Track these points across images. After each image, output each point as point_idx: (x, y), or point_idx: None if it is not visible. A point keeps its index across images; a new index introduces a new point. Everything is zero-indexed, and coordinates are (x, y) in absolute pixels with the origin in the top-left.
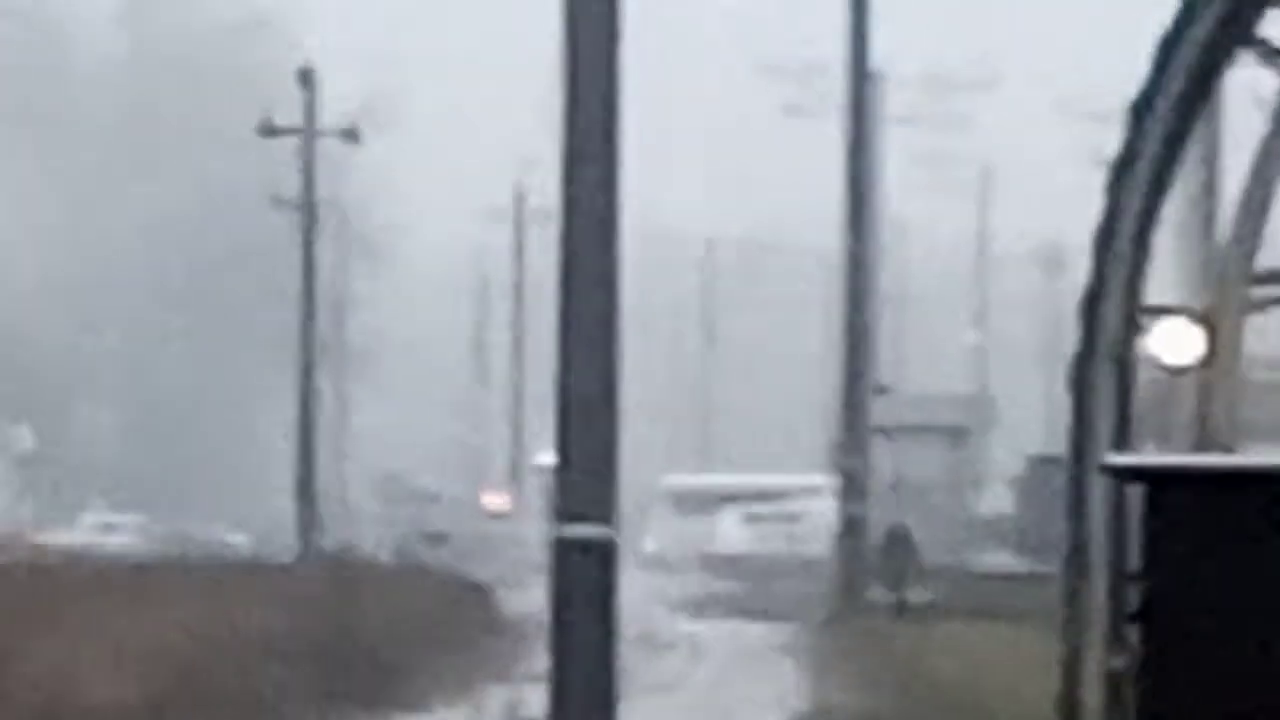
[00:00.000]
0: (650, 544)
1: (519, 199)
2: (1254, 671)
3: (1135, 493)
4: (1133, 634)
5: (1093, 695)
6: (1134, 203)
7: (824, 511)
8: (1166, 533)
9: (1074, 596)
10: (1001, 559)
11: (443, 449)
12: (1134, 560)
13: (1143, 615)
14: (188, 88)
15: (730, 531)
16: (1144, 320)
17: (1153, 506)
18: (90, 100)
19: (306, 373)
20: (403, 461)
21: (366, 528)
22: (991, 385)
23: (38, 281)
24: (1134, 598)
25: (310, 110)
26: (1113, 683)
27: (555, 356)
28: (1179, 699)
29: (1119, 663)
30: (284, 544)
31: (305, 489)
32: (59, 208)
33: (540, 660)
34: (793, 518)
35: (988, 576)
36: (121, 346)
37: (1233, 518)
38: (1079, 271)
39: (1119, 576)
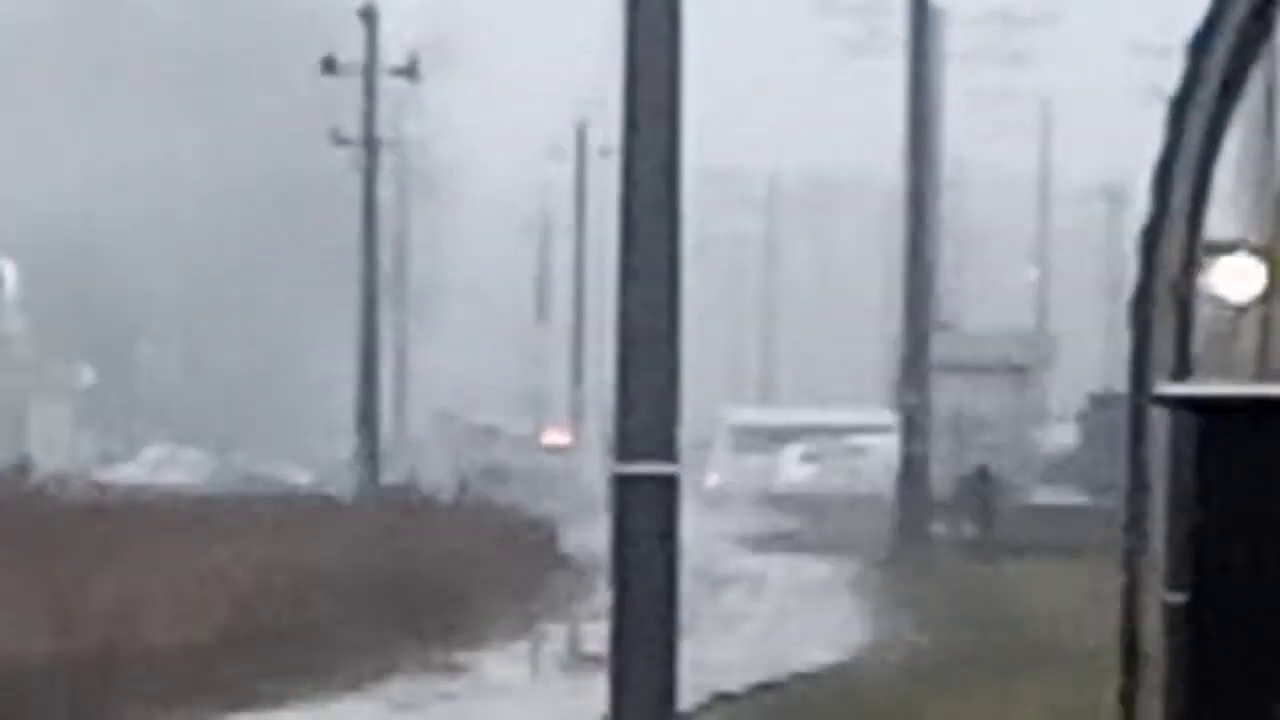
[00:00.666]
0: (712, 480)
1: (581, 136)
2: None
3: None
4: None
5: (1153, 628)
6: (1194, 138)
7: (885, 448)
8: (1219, 464)
9: (1135, 531)
10: (1064, 495)
11: (504, 386)
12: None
13: (1194, 548)
14: (249, 25)
15: (792, 468)
16: (1204, 256)
17: (1205, 437)
18: (151, 37)
19: (368, 311)
20: (464, 399)
21: (428, 464)
22: (1053, 322)
23: (98, 221)
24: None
25: (371, 47)
26: (1172, 616)
27: (617, 294)
28: (1227, 633)
29: (1178, 597)
30: (346, 481)
31: (367, 426)
32: (119, 146)
33: (601, 597)
34: (854, 454)
35: (1050, 512)
36: (183, 284)
37: None
38: (1140, 208)
39: (1179, 511)
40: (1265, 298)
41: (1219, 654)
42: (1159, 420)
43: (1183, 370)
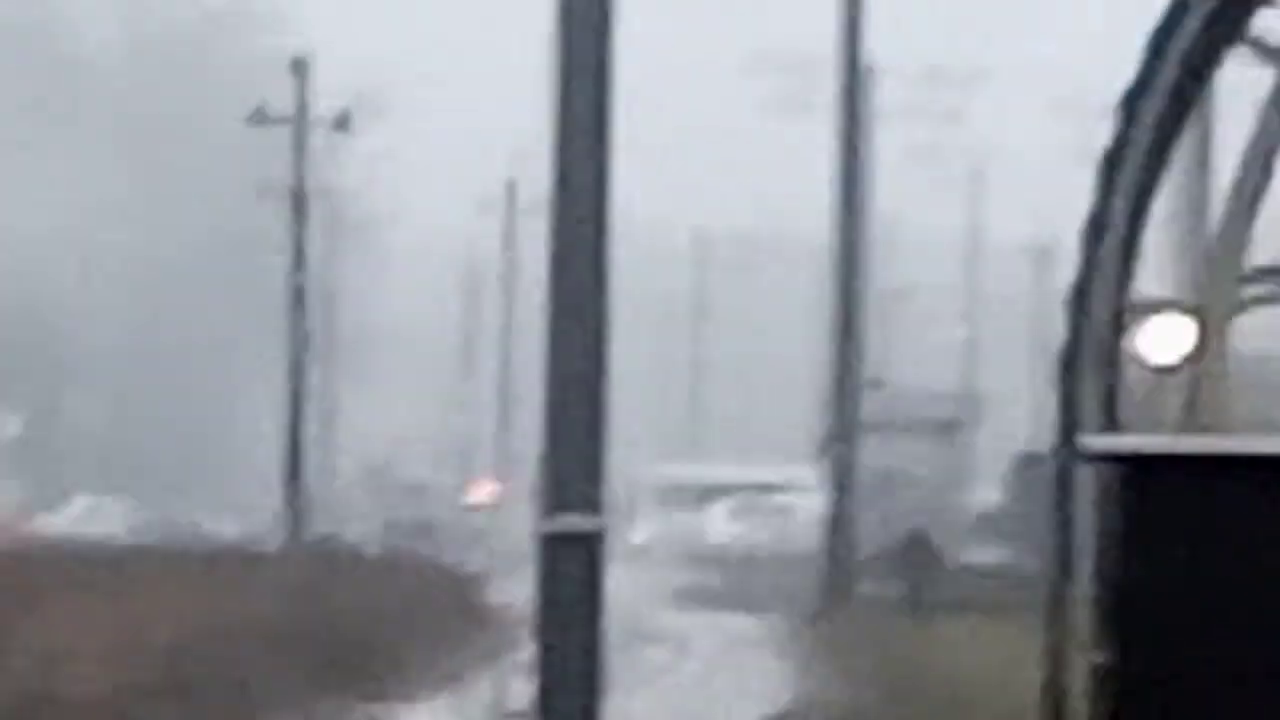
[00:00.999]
0: (638, 536)
1: (510, 189)
2: (1232, 670)
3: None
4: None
5: (1077, 689)
6: (1123, 197)
7: (812, 506)
8: (1144, 517)
9: (1059, 590)
10: (989, 553)
11: (431, 440)
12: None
13: (1119, 603)
14: (179, 76)
15: (718, 525)
16: (1132, 316)
17: (1130, 489)
18: (82, 88)
19: (296, 362)
20: (391, 452)
21: (353, 517)
22: (981, 380)
23: (27, 268)
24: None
25: (302, 99)
26: (1097, 677)
27: (545, 347)
28: (1152, 698)
29: (1102, 657)
30: (271, 532)
31: (293, 478)
32: (49, 194)
33: (525, 652)
34: (781, 511)
35: (975, 571)
36: (112, 334)
37: (1218, 503)
38: (1069, 268)
39: (1104, 570)
40: (1193, 357)
41: (1145, 709)
42: (1084, 480)
43: (1111, 428)
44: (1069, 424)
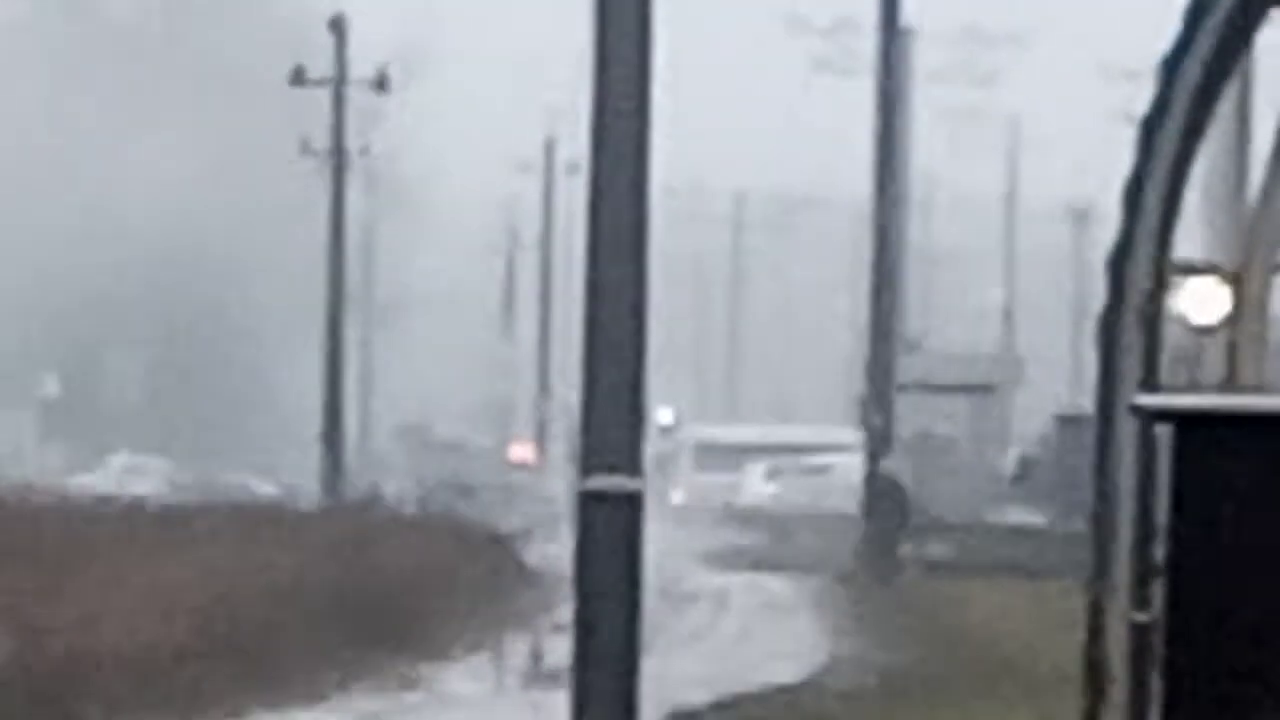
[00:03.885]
0: (676, 496)
1: (549, 150)
2: None
3: (1163, 446)
4: (1158, 587)
5: (1118, 649)
6: (1164, 159)
7: (850, 467)
8: (1195, 478)
9: (1100, 551)
10: (1027, 516)
11: (470, 400)
12: (1160, 514)
13: (1168, 566)
14: (220, 35)
15: (756, 485)
16: (1172, 278)
17: (1180, 448)
18: (122, 46)
19: (334, 322)
20: (429, 412)
21: (392, 477)
22: (1019, 343)
23: (66, 229)
24: (1160, 551)
25: (341, 59)
26: (1137, 636)
27: (583, 308)
28: (1205, 655)
29: (1143, 616)
30: (310, 492)
31: (332, 438)
32: (90, 155)
33: (563, 612)
34: (819, 472)
35: (1014, 533)
36: (150, 294)
37: (1268, 462)
38: (1107, 230)
39: (1144, 530)
40: (1232, 320)
41: (1193, 668)
42: (1126, 439)
43: (1150, 390)
44: (1109, 386)
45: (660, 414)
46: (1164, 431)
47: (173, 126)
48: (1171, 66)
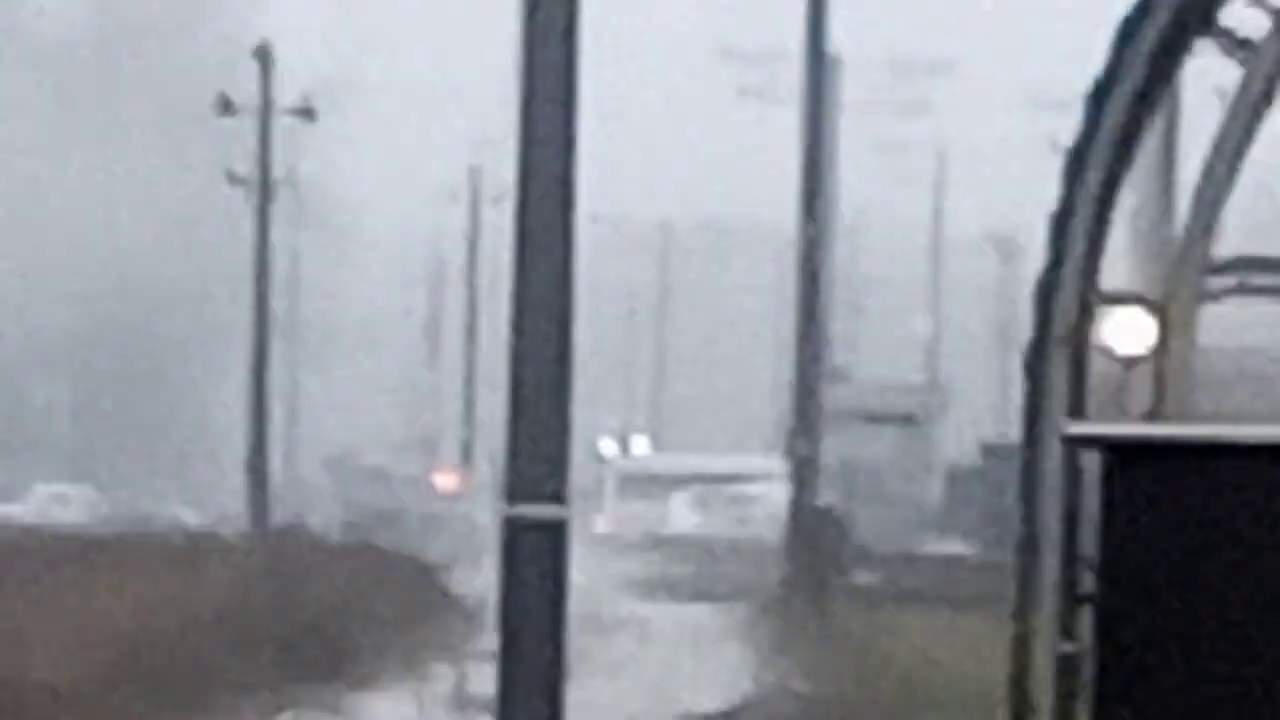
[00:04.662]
0: (601, 524)
1: (474, 178)
2: (1213, 662)
3: (1089, 476)
4: (1085, 617)
5: (1044, 679)
6: (1090, 188)
7: (775, 495)
8: (1125, 505)
9: (1025, 581)
10: (951, 545)
11: (395, 428)
12: (1086, 544)
13: (1098, 591)
14: (148, 63)
15: (680, 514)
16: (1098, 307)
17: (1111, 477)
18: (48, 73)
19: (259, 350)
20: (355, 441)
21: (317, 506)
22: (944, 372)
23: None
24: (1086, 581)
25: (266, 88)
26: (1063, 666)
27: (509, 336)
28: (1135, 687)
29: (1069, 646)
30: (236, 520)
31: (257, 466)
32: (14, 180)
33: (488, 639)
34: (744, 501)
35: (938, 562)
36: (74, 321)
37: (1197, 490)
38: (1033, 260)
39: (1070, 560)
40: (1158, 350)
41: (1124, 691)
42: (1052, 468)
43: (1078, 419)
44: (1036, 414)
45: (603, 444)
46: (1093, 460)
47: (99, 153)
48: (1099, 96)
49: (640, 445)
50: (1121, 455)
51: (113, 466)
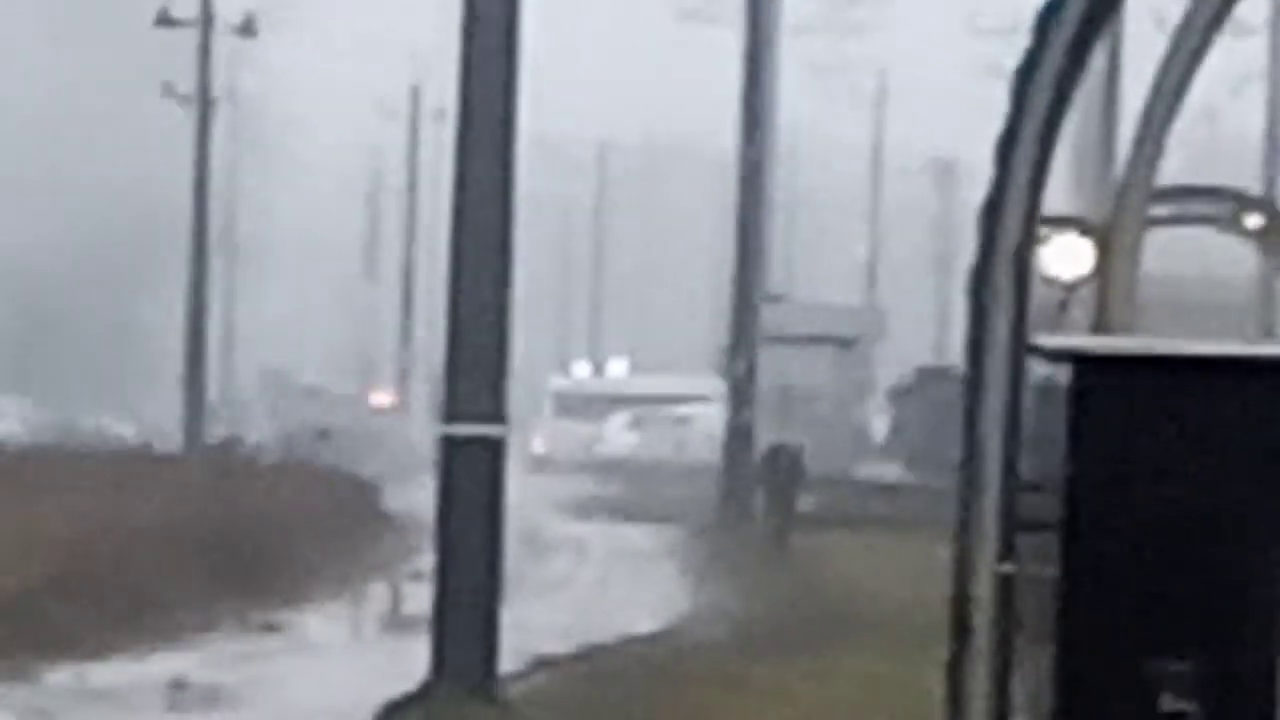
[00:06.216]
0: (537, 445)
1: (415, 96)
2: (1182, 578)
3: (1028, 400)
4: (1022, 538)
5: (982, 599)
6: (1038, 109)
7: (711, 417)
8: (1095, 419)
9: (967, 503)
10: (887, 469)
11: (332, 346)
12: (1025, 468)
13: (1065, 510)
14: None
15: (617, 435)
16: (1042, 231)
17: (1080, 391)
18: None
19: (197, 266)
20: (291, 358)
21: (253, 422)
22: (882, 296)
23: None
24: (1025, 505)
25: (207, 2)
26: (1003, 586)
27: (448, 256)
28: (1103, 607)
29: (1008, 567)
30: (171, 435)
31: (193, 382)
32: None
33: (424, 558)
34: (680, 422)
35: (874, 487)
36: (8, 234)
37: (1174, 405)
38: (972, 186)
39: (1011, 484)
40: (1096, 275)
41: (1092, 613)
42: (996, 391)
43: (1019, 343)
44: (980, 335)
45: (577, 365)
46: (1063, 374)
47: (34, 65)
48: (1047, 17)
49: (618, 368)
50: (1095, 367)
51: (47, 379)
